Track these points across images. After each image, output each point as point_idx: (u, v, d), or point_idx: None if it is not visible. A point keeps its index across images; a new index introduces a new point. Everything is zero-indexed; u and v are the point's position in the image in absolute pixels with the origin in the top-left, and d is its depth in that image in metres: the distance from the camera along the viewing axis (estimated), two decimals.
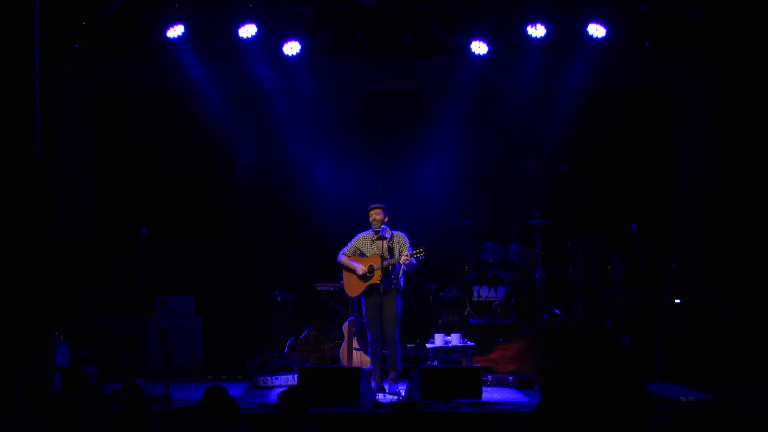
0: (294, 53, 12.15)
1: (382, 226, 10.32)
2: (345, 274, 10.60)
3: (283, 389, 6.93)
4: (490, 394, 10.23)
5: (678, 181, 13.13)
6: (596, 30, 11.81)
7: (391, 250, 10.31)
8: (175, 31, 11.77)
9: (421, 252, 10.16)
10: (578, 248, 12.59)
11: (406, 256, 10.15)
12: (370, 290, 10.30)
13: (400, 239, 10.40)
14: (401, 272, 10.30)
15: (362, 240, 10.53)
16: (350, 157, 13.17)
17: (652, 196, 13.12)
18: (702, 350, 11.27)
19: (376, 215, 10.35)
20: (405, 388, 10.07)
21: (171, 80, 12.63)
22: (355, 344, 11.13)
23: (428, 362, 11.28)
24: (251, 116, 13.07)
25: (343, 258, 10.55)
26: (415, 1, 11.82)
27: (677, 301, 11.72)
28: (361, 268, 10.34)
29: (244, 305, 13.18)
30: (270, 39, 12.08)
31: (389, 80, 13.27)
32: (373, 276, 10.25)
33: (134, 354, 11.33)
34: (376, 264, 10.22)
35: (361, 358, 11.01)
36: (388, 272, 10.24)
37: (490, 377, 11.04)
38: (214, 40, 12.05)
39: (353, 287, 10.50)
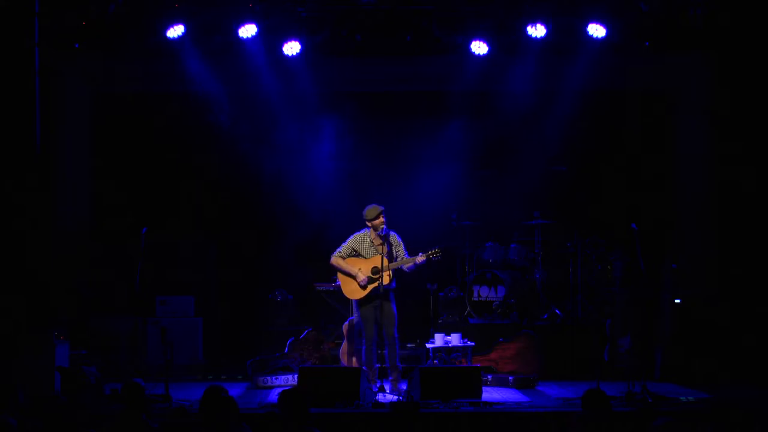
0: (294, 53, 12.15)
1: (383, 227, 10.31)
2: (341, 276, 10.54)
3: (283, 389, 6.92)
4: (490, 394, 10.23)
5: (678, 180, 13.14)
6: (596, 30, 11.81)
7: (393, 251, 10.31)
8: (175, 31, 11.77)
9: (437, 252, 10.15)
10: (578, 248, 12.59)
11: (423, 256, 10.13)
12: (373, 292, 10.29)
13: (395, 239, 10.40)
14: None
15: (358, 241, 10.48)
16: (350, 156, 13.16)
17: (652, 197, 13.13)
18: (702, 350, 11.28)
19: (382, 218, 10.30)
20: (404, 387, 10.08)
21: (171, 80, 12.63)
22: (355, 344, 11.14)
23: (428, 362, 11.28)
24: (251, 116, 13.06)
25: (338, 261, 10.46)
26: (415, 1, 11.82)
27: (677, 301, 11.73)
28: (361, 274, 10.30)
29: (244, 305, 13.18)
30: (270, 39, 12.08)
31: (389, 80, 13.27)
32: (379, 278, 10.21)
33: (134, 354, 11.33)
34: (380, 265, 10.20)
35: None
36: (392, 274, 10.25)
37: (490, 377, 11.04)
38: (214, 40, 12.04)
39: (354, 290, 10.43)
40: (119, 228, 12.70)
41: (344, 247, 10.51)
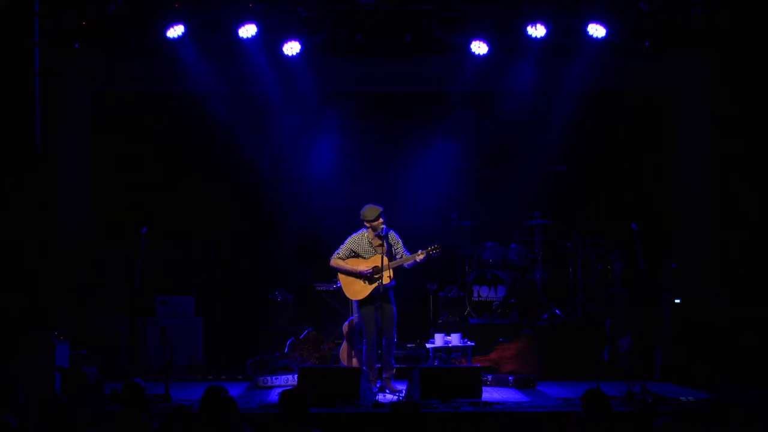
0: (294, 53, 12.15)
1: (383, 227, 10.31)
2: (343, 277, 10.55)
3: (283, 389, 6.92)
4: (490, 394, 10.23)
5: (678, 181, 13.14)
6: (596, 30, 11.80)
7: (393, 250, 10.31)
8: (175, 31, 11.76)
9: (437, 248, 10.17)
10: (578, 248, 12.59)
11: (422, 253, 10.14)
12: (374, 292, 10.28)
13: (394, 237, 10.39)
14: None
15: (357, 241, 10.48)
16: (351, 156, 13.17)
17: (652, 197, 13.13)
18: (702, 350, 11.28)
19: (381, 219, 10.30)
20: (405, 388, 10.07)
21: (171, 80, 12.63)
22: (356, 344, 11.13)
23: (428, 362, 11.28)
24: (251, 116, 13.06)
25: (338, 262, 10.47)
26: (415, 1, 11.81)
27: (677, 301, 11.73)
28: (365, 271, 10.31)
29: (244, 305, 13.18)
30: (270, 39, 12.07)
31: (389, 80, 13.27)
32: (381, 278, 10.21)
33: (134, 354, 11.34)
34: (380, 265, 10.19)
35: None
36: (392, 273, 10.26)
37: (490, 377, 11.04)
38: (214, 40, 12.04)
39: (357, 291, 10.44)
40: (119, 228, 12.69)
41: (343, 249, 10.51)
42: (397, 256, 10.34)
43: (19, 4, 10.77)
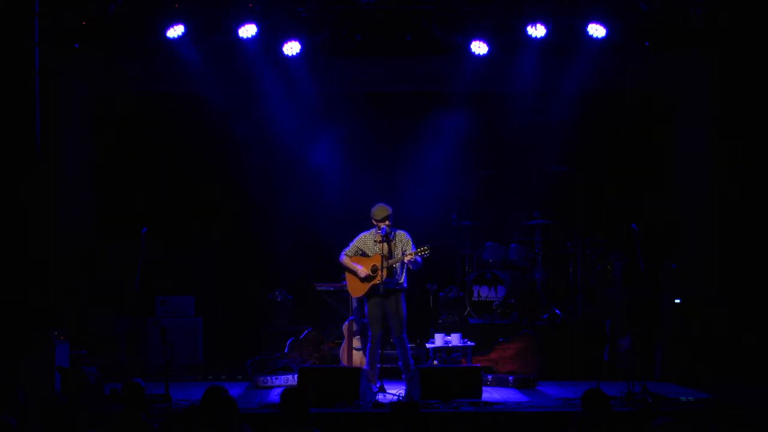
0: (294, 53, 12.15)
1: (384, 227, 10.30)
2: (348, 275, 10.58)
3: (284, 389, 6.92)
4: (490, 394, 10.23)
5: (678, 181, 13.14)
6: (596, 30, 11.80)
7: (394, 250, 10.30)
8: (175, 31, 11.76)
9: (426, 250, 10.15)
10: (578, 248, 12.60)
11: (411, 254, 10.14)
12: (373, 290, 10.29)
13: (403, 238, 10.38)
14: (404, 271, 10.31)
15: (364, 240, 10.51)
16: (351, 156, 13.16)
17: (652, 196, 13.13)
18: (702, 350, 11.28)
19: (389, 222, 10.29)
20: (405, 387, 10.07)
21: (171, 80, 12.63)
22: (356, 344, 11.13)
23: (428, 362, 11.28)
24: (251, 116, 13.06)
25: (345, 259, 10.52)
26: (415, 1, 11.82)
27: (677, 301, 11.73)
28: (363, 270, 10.31)
29: (244, 305, 13.18)
30: (270, 39, 12.07)
31: (389, 80, 13.27)
32: (376, 276, 10.24)
33: (134, 354, 11.33)
34: (379, 264, 10.21)
35: (361, 359, 11.00)
36: (392, 272, 10.23)
37: (490, 377, 11.05)
38: (214, 40, 12.04)
39: (356, 288, 10.48)
40: (119, 228, 12.69)
41: (351, 246, 10.54)
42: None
43: (19, 4, 10.77)
